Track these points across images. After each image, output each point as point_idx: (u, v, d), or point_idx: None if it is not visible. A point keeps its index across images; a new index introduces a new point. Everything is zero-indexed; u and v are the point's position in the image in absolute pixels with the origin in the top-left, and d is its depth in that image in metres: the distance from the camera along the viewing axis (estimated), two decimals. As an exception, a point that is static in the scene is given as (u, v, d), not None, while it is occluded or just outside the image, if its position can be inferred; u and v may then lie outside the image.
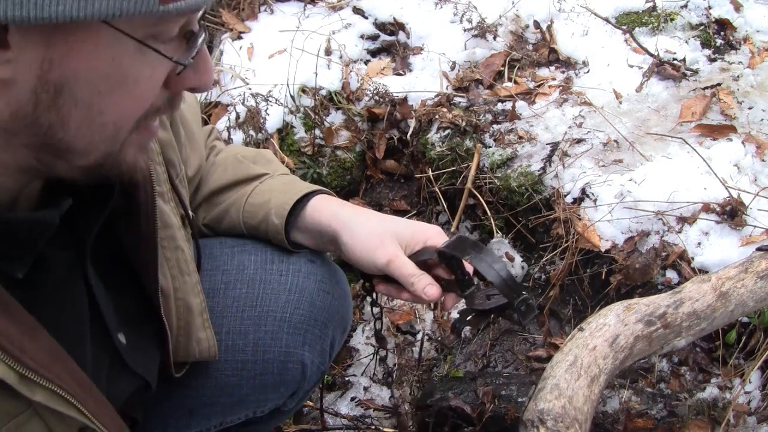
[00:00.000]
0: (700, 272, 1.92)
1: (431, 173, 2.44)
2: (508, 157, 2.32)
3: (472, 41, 2.67)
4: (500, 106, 2.50)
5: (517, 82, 2.59)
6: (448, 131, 2.45)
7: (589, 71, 2.61)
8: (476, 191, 2.35)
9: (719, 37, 2.71)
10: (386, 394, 2.12)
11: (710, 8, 2.76)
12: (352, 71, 2.58)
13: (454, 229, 2.42)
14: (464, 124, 2.40)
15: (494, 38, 2.68)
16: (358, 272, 1.28)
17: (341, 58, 2.61)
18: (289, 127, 2.42)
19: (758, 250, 1.61)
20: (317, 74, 2.46)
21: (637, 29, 2.70)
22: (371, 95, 2.51)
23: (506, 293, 1.11)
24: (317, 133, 2.44)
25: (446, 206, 2.46)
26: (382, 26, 2.77)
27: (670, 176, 2.10)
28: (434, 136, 2.46)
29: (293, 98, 2.43)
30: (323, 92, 2.50)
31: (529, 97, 2.53)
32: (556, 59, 2.69)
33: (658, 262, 2.00)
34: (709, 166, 2.06)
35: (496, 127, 2.42)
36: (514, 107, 2.44)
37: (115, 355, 0.99)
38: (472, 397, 1.90)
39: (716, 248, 1.98)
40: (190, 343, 1.15)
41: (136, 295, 1.05)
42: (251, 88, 2.42)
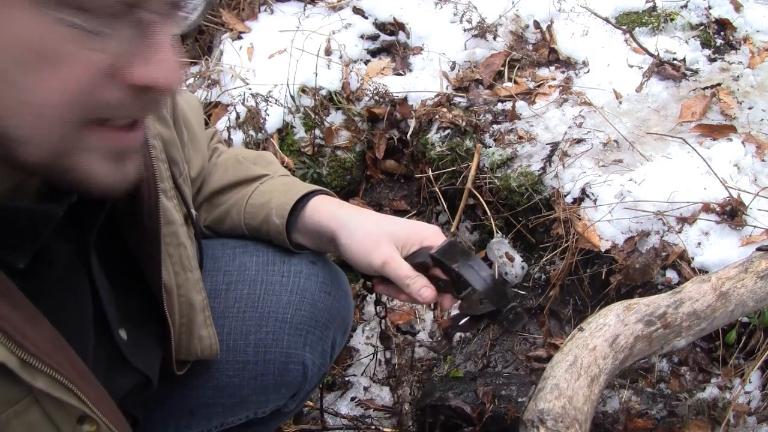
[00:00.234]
0: (700, 272, 1.92)
1: (431, 173, 2.44)
2: (508, 157, 2.32)
3: (472, 41, 2.67)
4: (500, 106, 2.50)
5: (517, 82, 2.59)
6: (448, 131, 2.45)
7: (589, 71, 2.61)
8: (476, 191, 2.35)
9: (719, 37, 2.71)
10: (386, 394, 2.12)
11: (710, 8, 2.76)
12: (352, 71, 2.58)
13: (454, 229, 2.42)
14: (464, 124, 2.40)
15: (494, 38, 2.68)
16: (358, 272, 1.28)
17: (341, 58, 2.61)
18: (289, 127, 2.42)
19: (758, 250, 1.61)
20: (317, 74, 2.46)
21: (637, 29, 2.70)
22: (371, 95, 2.51)
23: (494, 301, 1.11)
24: (317, 133, 2.44)
25: (446, 206, 2.46)
26: (382, 26, 2.77)
27: (670, 176, 2.10)
28: (434, 136, 2.46)
29: (293, 98, 2.43)
30: (323, 92, 2.50)
31: (529, 97, 2.53)
32: (556, 59, 2.69)
33: (658, 262, 2.00)
34: (709, 166, 2.06)
35: (496, 127, 2.42)
36: (514, 107, 2.44)
37: (115, 350, 0.99)
38: (472, 397, 1.90)
39: (716, 248, 1.98)
40: (192, 340, 1.15)
41: (138, 291, 1.05)
42: (251, 88, 2.42)
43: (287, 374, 1.33)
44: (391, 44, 2.73)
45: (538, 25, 2.76)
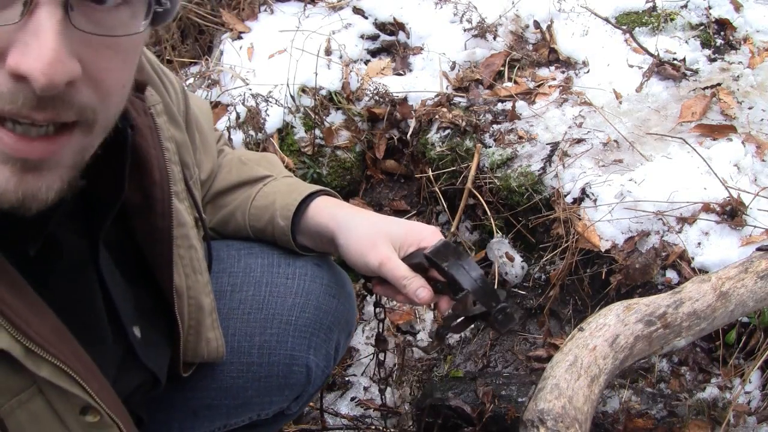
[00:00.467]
0: (700, 272, 1.92)
1: (431, 173, 2.44)
2: (508, 157, 2.32)
3: (472, 41, 2.67)
4: (500, 106, 2.50)
5: (517, 82, 2.59)
6: (448, 131, 2.45)
7: (589, 71, 2.61)
8: (476, 191, 2.35)
9: (719, 37, 2.71)
10: (386, 394, 2.12)
11: (710, 8, 2.76)
12: (352, 71, 2.58)
13: (454, 229, 2.42)
14: (464, 124, 2.40)
15: (494, 38, 2.68)
16: (358, 272, 1.28)
17: (341, 58, 2.61)
18: (289, 127, 2.42)
19: (758, 250, 1.61)
20: (317, 74, 2.46)
21: (637, 29, 2.70)
22: (371, 95, 2.51)
23: (483, 301, 1.11)
24: (317, 133, 2.44)
25: (446, 206, 2.46)
26: (382, 26, 2.77)
27: (670, 176, 2.10)
28: (434, 136, 2.46)
29: (293, 98, 2.43)
30: (323, 92, 2.50)
31: (529, 97, 2.53)
32: (556, 59, 2.69)
33: (658, 262, 2.00)
34: (709, 166, 2.06)
35: (496, 127, 2.42)
36: (514, 107, 2.44)
37: (128, 348, 1.00)
38: (472, 397, 1.90)
39: (716, 248, 1.98)
40: (199, 342, 1.15)
41: (149, 292, 1.05)
42: (251, 88, 2.42)
43: (291, 376, 1.33)
44: (391, 44, 2.74)
45: (538, 25, 2.76)
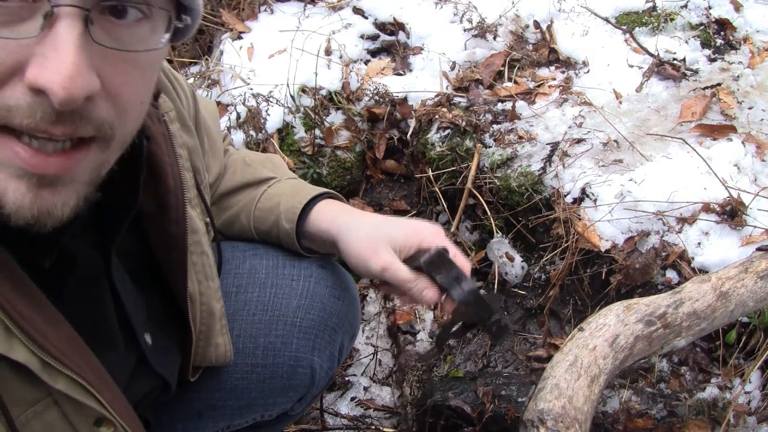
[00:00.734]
0: (700, 272, 1.92)
1: (431, 173, 2.44)
2: (508, 157, 2.32)
3: (472, 41, 2.67)
4: (500, 106, 2.50)
5: (517, 82, 2.59)
6: (448, 131, 2.45)
7: (589, 71, 2.61)
8: (476, 191, 2.35)
9: (719, 37, 2.71)
10: (386, 394, 2.12)
11: (710, 8, 2.76)
12: (352, 71, 2.58)
13: (453, 229, 2.42)
14: (464, 124, 2.40)
15: (494, 38, 2.68)
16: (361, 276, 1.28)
17: (341, 58, 2.61)
18: (289, 127, 2.42)
19: (758, 250, 1.61)
20: (317, 74, 2.46)
21: (637, 29, 2.70)
22: (371, 95, 2.51)
23: (476, 314, 1.11)
24: (317, 133, 2.44)
25: (446, 206, 2.46)
26: (382, 26, 2.77)
27: (670, 176, 2.10)
28: (434, 136, 2.46)
29: (293, 98, 2.43)
30: (323, 92, 2.50)
31: (529, 97, 2.53)
32: (556, 59, 2.69)
33: (658, 262, 2.00)
34: (709, 166, 2.06)
35: (496, 127, 2.42)
36: (514, 107, 2.44)
37: (139, 355, 1.00)
38: (472, 397, 1.90)
39: (716, 248, 1.98)
40: (208, 348, 1.15)
41: (161, 298, 1.06)
42: (252, 88, 2.42)
43: (295, 378, 1.33)
44: (391, 44, 2.74)
45: (538, 25, 2.76)
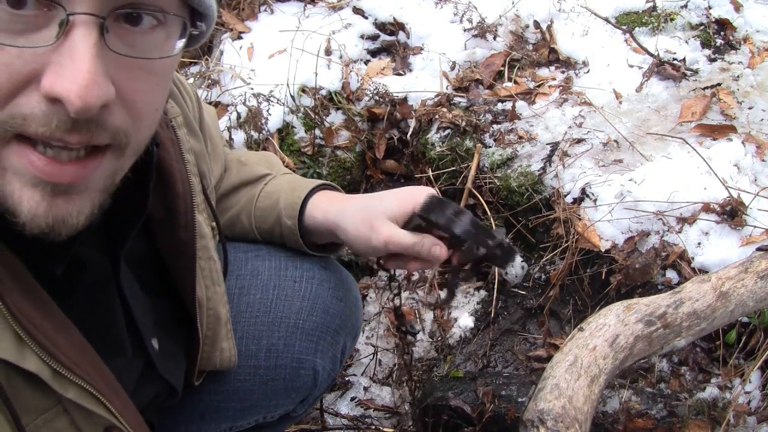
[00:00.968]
0: (700, 272, 1.92)
1: (431, 173, 2.44)
2: (508, 157, 2.32)
3: (472, 41, 2.67)
4: (500, 106, 2.50)
5: (517, 82, 2.59)
6: (448, 131, 2.45)
7: (589, 71, 2.61)
8: (476, 191, 2.35)
9: (719, 37, 2.70)
10: (386, 394, 2.12)
11: (710, 8, 2.76)
12: (352, 71, 2.58)
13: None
14: (464, 124, 2.40)
15: (494, 38, 2.68)
16: (359, 272, 1.28)
17: (341, 58, 2.61)
18: (289, 127, 2.42)
19: (758, 250, 1.61)
20: (317, 74, 2.46)
21: (637, 29, 2.70)
22: (371, 95, 2.51)
23: (479, 242, 1.11)
24: (317, 133, 2.44)
25: (446, 206, 2.46)
26: (382, 26, 2.77)
27: (670, 176, 2.10)
28: (434, 136, 2.46)
29: (293, 98, 2.43)
30: (323, 92, 2.50)
31: (529, 97, 2.53)
32: (556, 59, 2.69)
33: (658, 262, 2.00)
34: (709, 166, 2.06)
35: (496, 127, 2.42)
36: (514, 107, 2.44)
37: (146, 360, 1.00)
38: (472, 397, 1.90)
39: (716, 248, 1.98)
40: (213, 352, 1.15)
41: (168, 303, 1.06)
42: (252, 88, 2.42)
43: (298, 380, 1.33)
44: (391, 44, 2.73)
45: (538, 25, 2.76)
